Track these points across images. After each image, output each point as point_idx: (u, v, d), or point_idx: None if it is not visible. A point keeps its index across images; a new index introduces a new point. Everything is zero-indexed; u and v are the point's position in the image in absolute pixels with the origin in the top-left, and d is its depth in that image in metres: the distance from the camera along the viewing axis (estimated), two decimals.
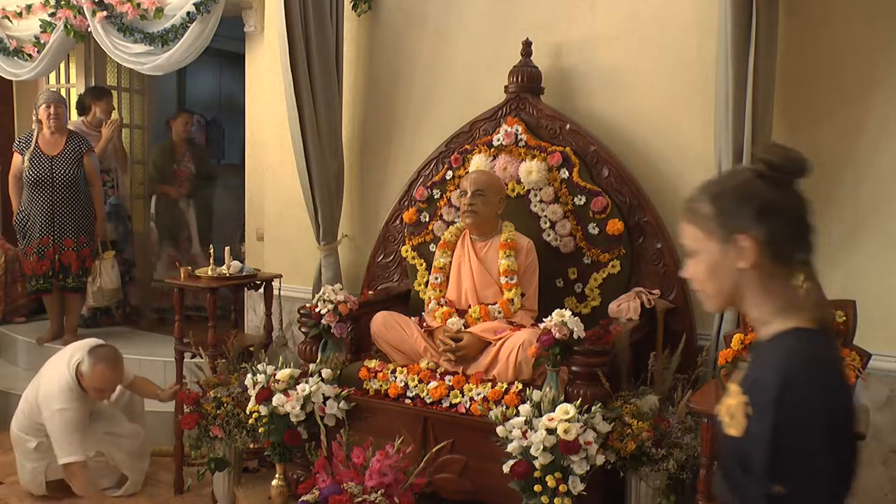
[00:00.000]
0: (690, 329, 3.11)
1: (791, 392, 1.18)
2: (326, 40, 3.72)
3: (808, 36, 2.97)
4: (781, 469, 1.19)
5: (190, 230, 5.64)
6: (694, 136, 3.18)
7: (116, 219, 5.23)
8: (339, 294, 3.16)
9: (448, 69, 3.75)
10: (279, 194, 4.23)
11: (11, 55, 5.01)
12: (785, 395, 1.19)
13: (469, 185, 3.13)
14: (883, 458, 2.91)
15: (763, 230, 1.26)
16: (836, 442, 1.18)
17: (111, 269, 4.89)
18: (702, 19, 3.11)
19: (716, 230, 1.31)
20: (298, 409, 2.95)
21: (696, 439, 2.57)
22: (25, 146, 4.73)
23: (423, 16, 3.80)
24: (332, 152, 3.82)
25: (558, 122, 3.35)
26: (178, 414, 3.59)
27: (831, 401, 1.19)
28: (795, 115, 3.00)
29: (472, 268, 3.16)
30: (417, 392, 2.91)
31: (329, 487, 2.67)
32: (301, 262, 4.05)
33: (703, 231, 1.33)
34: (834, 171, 2.95)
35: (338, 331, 3.11)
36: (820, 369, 1.21)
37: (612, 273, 3.20)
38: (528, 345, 2.78)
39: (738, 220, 1.28)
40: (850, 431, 1.22)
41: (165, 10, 4.29)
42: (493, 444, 2.62)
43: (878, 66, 2.86)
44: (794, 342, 1.25)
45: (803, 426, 1.17)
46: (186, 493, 3.73)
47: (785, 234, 1.27)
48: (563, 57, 3.45)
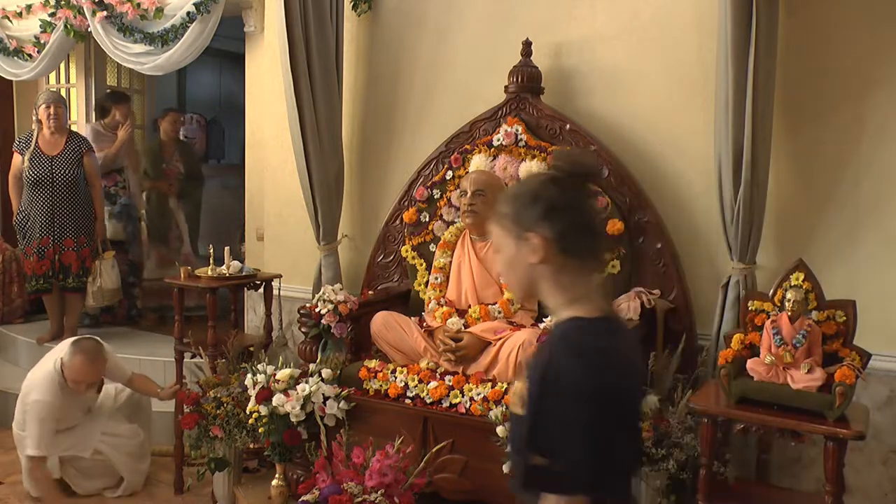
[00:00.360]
0: (690, 329, 3.11)
1: (555, 372, 1.29)
2: (326, 40, 3.72)
3: (808, 36, 2.97)
4: (543, 442, 1.29)
5: (180, 229, 5.63)
6: (694, 136, 3.18)
7: (126, 219, 5.24)
8: (339, 294, 3.16)
9: (448, 69, 3.75)
10: (279, 194, 4.23)
11: (11, 55, 5.01)
12: (549, 374, 1.30)
13: (469, 185, 3.13)
14: (883, 458, 2.91)
15: (551, 228, 1.37)
16: (597, 420, 1.26)
17: (111, 269, 4.89)
18: (702, 19, 3.11)
19: (512, 228, 1.44)
20: (298, 409, 2.95)
21: (696, 439, 2.57)
22: (25, 146, 4.73)
23: (423, 16, 3.80)
24: (332, 152, 3.82)
25: (558, 122, 3.35)
26: (178, 414, 3.59)
27: (594, 382, 1.26)
28: (795, 115, 3.00)
29: (472, 268, 3.16)
30: (417, 392, 2.91)
31: (329, 487, 2.67)
32: (301, 262, 4.06)
33: (503, 230, 1.47)
34: (834, 170, 2.95)
35: (338, 331, 3.11)
36: (586, 353, 1.31)
37: (612, 273, 3.19)
38: (528, 345, 2.77)
39: (529, 220, 1.39)
40: (617, 412, 1.29)
41: (165, 10, 4.29)
42: (493, 444, 2.62)
43: (878, 66, 2.86)
44: (569, 328, 1.37)
45: (563, 404, 1.27)
46: (186, 493, 3.73)
47: (572, 232, 1.38)
48: (563, 57, 3.45)
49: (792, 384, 2.41)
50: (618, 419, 1.30)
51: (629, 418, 1.35)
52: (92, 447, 3.61)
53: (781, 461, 3.01)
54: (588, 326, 1.36)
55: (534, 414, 1.32)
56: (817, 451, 2.66)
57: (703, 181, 3.13)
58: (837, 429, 2.29)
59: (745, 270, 2.98)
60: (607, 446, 1.27)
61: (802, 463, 3.01)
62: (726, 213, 2.96)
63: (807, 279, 2.50)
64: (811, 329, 2.46)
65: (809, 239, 2.98)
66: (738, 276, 2.98)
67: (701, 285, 3.17)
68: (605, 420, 1.27)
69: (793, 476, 3.02)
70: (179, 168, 5.66)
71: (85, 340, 3.57)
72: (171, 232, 5.62)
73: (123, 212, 5.22)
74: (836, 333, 2.50)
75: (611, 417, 1.28)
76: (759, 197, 2.91)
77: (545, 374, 1.32)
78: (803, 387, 2.38)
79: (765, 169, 2.91)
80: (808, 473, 2.98)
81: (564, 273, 1.39)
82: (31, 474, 3.50)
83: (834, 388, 2.31)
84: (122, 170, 5.22)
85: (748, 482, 2.88)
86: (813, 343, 2.46)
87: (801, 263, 2.54)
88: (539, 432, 1.30)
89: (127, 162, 5.28)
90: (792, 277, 2.52)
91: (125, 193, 5.26)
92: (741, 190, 2.88)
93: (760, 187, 2.90)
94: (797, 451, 2.97)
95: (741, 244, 2.95)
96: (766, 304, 2.59)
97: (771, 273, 2.95)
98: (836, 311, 2.49)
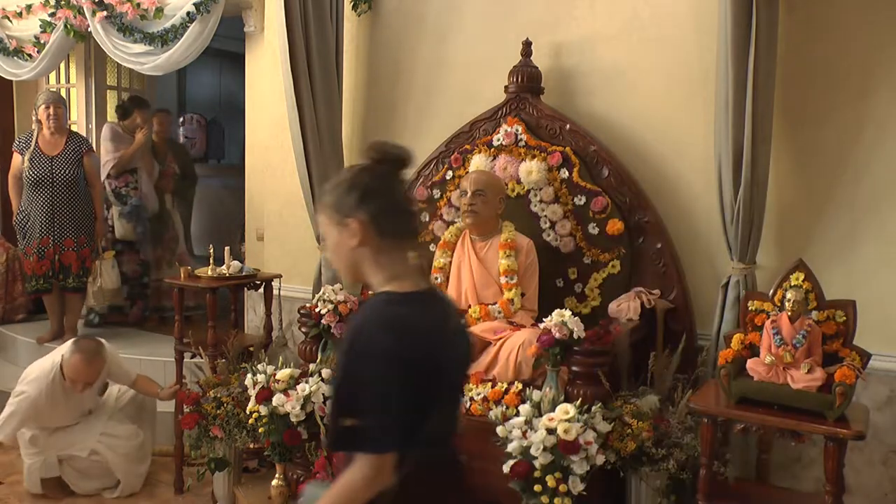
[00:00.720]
0: (690, 329, 3.11)
1: (359, 340, 1.42)
2: (326, 40, 3.72)
3: (808, 36, 2.97)
4: (350, 404, 1.40)
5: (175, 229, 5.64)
6: (694, 136, 3.18)
7: (136, 219, 5.24)
8: (339, 294, 3.16)
9: (448, 69, 3.75)
10: (279, 194, 4.23)
11: (11, 55, 5.01)
12: (355, 341, 1.42)
13: (469, 185, 3.13)
14: (883, 458, 2.91)
15: (366, 213, 1.48)
16: (397, 384, 1.37)
17: (111, 269, 4.90)
18: (702, 19, 3.11)
19: (333, 216, 1.52)
20: (298, 409, 2.95)
21: (696, 439, 2.57)
22: (25, 146, 4.73)
23: (422, 16, 3.80)
24: (332, 152, 3.82)
25: (558, 122, 3.35)
26: (178, 414, 3.59)
27: (395, 349, 1.38)
28: (795, 115, 3.00)
29: (471, 268, 3.16)
30: None
31: None
32: (301, 262, 4.05)
33: (327, 217, 1.54)
34: (834, 170, 2.95)
35: (338, 331, 3.11)
36: (389, 322, 1.42)
37: (612, 273, 3.20)
38: (528, 345, 2.78)
39: (347, 207, 1.49)
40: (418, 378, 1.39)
41: (165, 10, 4.29)
42: (493, 444, 2.62)
43: (878, 66, 2.86)
44: (379, 301, 1.49)
45: (367, 368, 1.38)
46: (186, 493, 3.73)
47: (386, 215, 1.49)
48: (563, 57, 3.45)
49: (792, 384, 2.41)
50: (419, 384, 1.40)
51: (434, 384, 1.44)
52: (89, 447, 3.61)
53: (781, 461, 3.01)
54: (397, 299, 1.47)
55: (342, 378, 1.43)
56: (817, 451, 2.66)
57: (703, 181, 3.13)
58: (837, 429, 2.29)
59: (745, 270, 2.98)
60: (408, 408, 1.38)
61: (802, 463, 3.01)
62: (726, 213, 2.96)
63: (807, 279, 2.50)
64: (811, 329, 2.46)
65: (809, 239, 2.98)
66: (738, 276, 2.98)
67: (701, 285, 3.17)
68: (405, 384, 1.37)
69: (793, 476, 3.02)
70: (174, 168, 5.65)
71: (85, 340, 3.58)
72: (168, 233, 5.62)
73: (134, 212, 5.21)
74: (836, 333, 2.50)
75: (411, 382, 1.38)
76: (759, 197, 2.90)
77: (352, 341, 1.43)
78: (803, 387, 2.38)
79: (765, 169, 2.90)
80: (808, 473, 2.98)
81: (382, 254, 1.50)
82: None
83: (834, 388, 2.31)
84: (134, 171, 5.23)
85: (748, 482, 2.88)
86: (813, 343, 2.46)
87: (801, 263, 2.54)
88: (346, 395, 1.41)
89: (141, 164, 5.30)
90: (792, 277, 2.52)
91: (136, 194, 5.27)
92: (741, 190, 2.88)
93: (760, 187, 2.90)
94: (797, 451, 2.97)
95: (741, 244, 2.95)
96: (766, 304, 2.58)
97: (771, 273, 2.94)
98: (836, 311, 2.49)
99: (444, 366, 1.48)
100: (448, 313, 1.57)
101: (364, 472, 1.38)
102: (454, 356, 1.54)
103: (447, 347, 1.51)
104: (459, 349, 1.58)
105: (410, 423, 1.39)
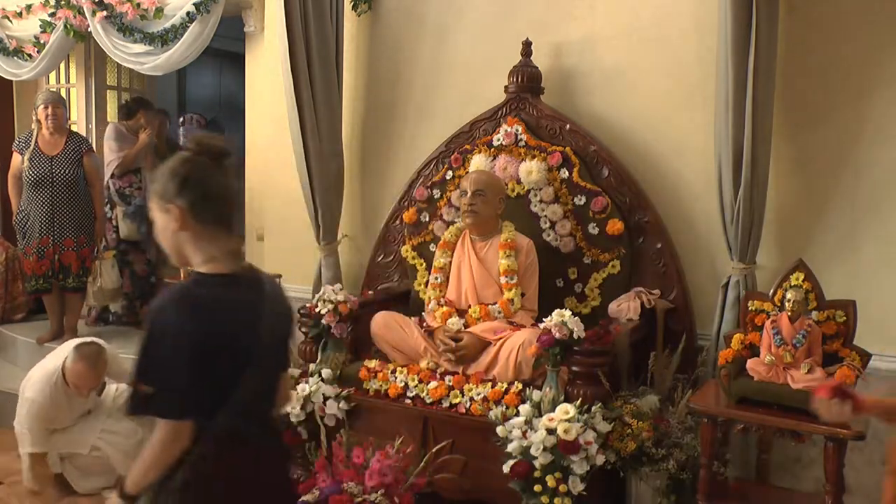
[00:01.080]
0: (690, 329, 3.11)
1: (158, 316, 1.55)
2: (326, 40, 3.72)
3: (808, 35, 2.97)
4: (147, 373, 1.54)
5: None
6: (694, 136, 3.18)
7: (140, 219, 5.23)
8: (339, 294, 3.16)
9: (448, 69, 3.75)
10: (279, 194, 4.23)
11: (11, 55, 5.00)
12: (155, 315, 1.56)
13: (469, 185, 3.13)
14: (883, 458, 2.90)
15: (184, 200, 1.60)
16: (187, 355, 1.50)
17: (111, 268, 4.89)
18: (702, 19, 3.11)
19: (158, 201, 1.64)
20: (298, 409, 2.95)
21: (696, 439, 2.57)
22: (25, 146, 4.73)
23: (423, 16, 3.80)
24: (332, 152, 3.82)
25: (558, 122, 3.35)
26: None
27: (187, 326, 1.51)
28: (795, 115, 3.00)
29: (472, 268, 3.16)
30: (417, 392, 2.91)
31: (329, 487, 2.67)
32: (301, 262, 4.05)
33: (154, 203, 1.65)
34: (834, 171, 2.95)
35: (338, 331, 3.11)
36: (185, 299, 1.56)
37: (612, 273, 3.20)
38: (528, 345, 2.78)
39: (169, 194, 1.61)
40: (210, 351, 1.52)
41: (165, 10, 4.29)
42: (493, 444, 2.62)
43: (878, 66, 2.86)
44: (186, 282, 1.63)
45: (161, 341, 1.52)
46: None
47: (203, 203, 1.61)
48: (563, 57, 3.45)
49: (792, 384, 2.41)
50: (214, 359, 1.53)
51: (233, 361, 1.57)
52: (90, 444, 3.61)
53: (781, 461, 3.01)
54: (202, 280, 1.61)
55: (141, 349, 1.55)
56: (817, 451, 2.66)
57: (703, 181, 3.13)
58: (837, 429, 2.29)
59: (745, 270, 2.98)
60: (199, 381, 1.52)
61: (802, 463, 3.01)
62: (726, 214, 2.96)
63: (807, 279, 2.51)
64: (811, 329, 2.46)
65: (809, 239, 2.98)
66: (738, 276, 2.98)
67: (701, 285, 3.18)
68: (195, 358, 1.51)
69: (793, 476, 3.02)
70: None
71: (86, 346, 3.56)
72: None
73: (137, 212, 5.21)
74: (836, 333, 2.50)
75: (204, 357, 1.52)
76: (759, 197, 2.90)
77: (153, 315, 1.57)
78: (803, 387, 2.38)
79: (765, 169, 2.90)
80: (808, 473, 2.98)
81: (202, 238, 1.62)
82: (31, 470, 3.53)
83: None
84: (137, 170, 5.22)
85: (748, 482, 2.88)
86: (813, 343, 2.46)
87: (801, 263, 2.54)
88: (142, 364, 1.54)
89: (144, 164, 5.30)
90: (792, 277, 2.52)
91: (139, 194, 5.27)
92: (741, 190, 2.88)
93: (760, 187, 2.90)
94: (797, 451, 2.97)
95: (741, 244, 2.95)
96: (766, 304, 2.59)
97: (771, 273, 2.95)
98: (836, 311, 2.50)
99: (246, 344, 1.60)
100: (262, 295, 1.67)
101: (160, 435, 1.56)
102: (263, 335, 1.63)
103: (252, 326, 1.61)
104: (273, 329, 1.67)
105: (204, 395, 1.54)
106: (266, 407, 1.71)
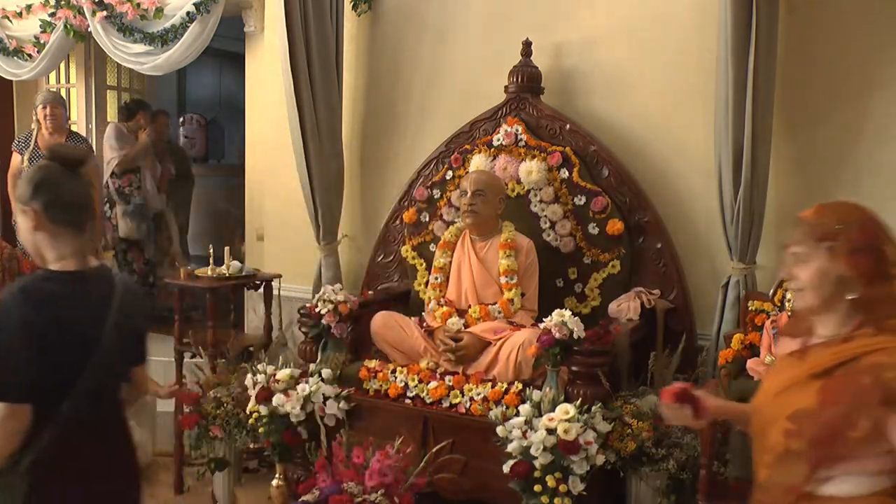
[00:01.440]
0: (690, 329, 3.11)
1: (3, 305, 1.66)
2: (326, 40, 3.72)
3: (808, 36, 2.97)
4: None
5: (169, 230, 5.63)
6: (694, 136, 3.18)
7: (139, 218, 5.24)
8: (339, 294, 3.16)
9: (448, 69, 3.75)
10: (279, 194, 4.23)
11: (11, 55, 5.00)
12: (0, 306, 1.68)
13: (469, 185, 3.13)
14: None
15: (38, 203, 1.74)
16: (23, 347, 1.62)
17: None
18: (702, 19, 3.11)
19: (18, 204, 1.78)
20: (298, 409, 2.95)
21: (696, 439, 2.57)
22: (25, 146, 4.73)
23: (422, 16, 3.80)
24: (332, 152, 3.82)
25: (558, 122, 3.35)
26: (178, 414, 3.59)
27: (25, 316, 1.63)
28: (795, 115, 3.00)
29: (472, 268, 3.16)
30: (417, 392, 2.91)
31: (329, 487, 2.67)
32: (301, 262, 4.05)
33: (17, 206, 1.78)
34: (834, 171, 2.95)
35: (338, 331, 3.11)
36: (27, 294, 1.67)
37: (612, 273, 3.20)
38: (528, 345, 2.77)
39: (25, 197, 1.75)
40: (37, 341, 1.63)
41: (165, 10, 4.29)
42: (493, 444, 2.62)
43: (878, 66, 2.86)
44: (33, 276, 1.77)
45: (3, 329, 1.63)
46: (186, 494, 3.72)
47: (54, 206, 1.75)
48: (563, 57, 3.46)
49: None
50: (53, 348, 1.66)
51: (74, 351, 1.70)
52: None
53: None
54: (47, 276, 1.75)
55: None
56: None
57: (703, 181, 3.13)
58: None
59: (745, 270, 2.98)
60: (36, 367, 1.64)
61: None
62: (726, 213, 2.96)
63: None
64: None
65: None
66: (738, 276, 2.98)
67: (701, 285, 3.17)
68: (32, 347, 1.63)
69: None
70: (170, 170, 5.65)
71: None
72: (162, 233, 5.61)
73: (137, 211, 5.22)
74: None
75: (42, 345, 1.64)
76: (759, 197, 2.91)
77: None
78: None
79: (765, 169, 2.90)
80: None
81: (57, 238, 1.76)
82: None
83: None
84: (137, 170, 5.23)
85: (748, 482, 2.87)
86: None
87: None
88: None
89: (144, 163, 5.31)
90: None
91: (139, 193, 5.27)
92: (741, 190, 2.88)
93: (760, 187, 2.90)
94: None
95: (741, 244, 2.95)
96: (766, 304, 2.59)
97: (771, 273, 2.95)
98: None
99: (90, 336, 1.74)
100: (111, 292, 1.80)
101: None
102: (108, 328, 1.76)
103: (97, 320, 1.75)
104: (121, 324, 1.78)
105: (47, 381, 1.66)
106: (113, 397, 1.87)
